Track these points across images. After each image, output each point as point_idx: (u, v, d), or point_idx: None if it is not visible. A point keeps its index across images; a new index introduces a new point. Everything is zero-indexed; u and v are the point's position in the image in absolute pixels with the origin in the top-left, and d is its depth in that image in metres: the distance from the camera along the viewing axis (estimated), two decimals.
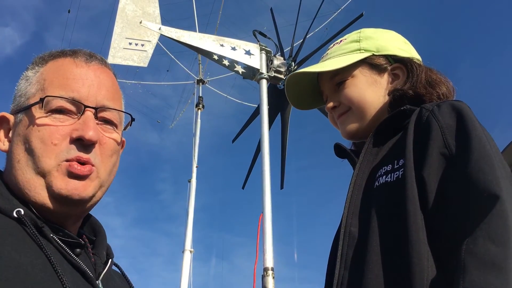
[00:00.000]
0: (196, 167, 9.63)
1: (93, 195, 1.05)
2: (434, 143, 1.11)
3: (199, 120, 10.24)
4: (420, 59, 1.52)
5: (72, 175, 1.00)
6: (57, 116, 1.03)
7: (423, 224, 1.05)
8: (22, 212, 0.94)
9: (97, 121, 1.07)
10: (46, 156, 1.00)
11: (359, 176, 1.28)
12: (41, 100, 1.03)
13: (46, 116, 1.03)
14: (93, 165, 1.04)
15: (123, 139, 1.19)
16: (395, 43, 1.54)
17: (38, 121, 1.02)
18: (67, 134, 1.02)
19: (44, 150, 1.00)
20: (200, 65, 11.28)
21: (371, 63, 1.49)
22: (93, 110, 1.06)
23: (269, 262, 3.59)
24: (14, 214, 0.93)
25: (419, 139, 1.16)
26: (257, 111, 5.00)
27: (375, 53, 1.50)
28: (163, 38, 4.61)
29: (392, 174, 1.18)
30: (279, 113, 5.00)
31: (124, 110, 1.17)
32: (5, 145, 1.09)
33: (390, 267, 1.07)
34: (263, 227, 3.77)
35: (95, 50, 1.18)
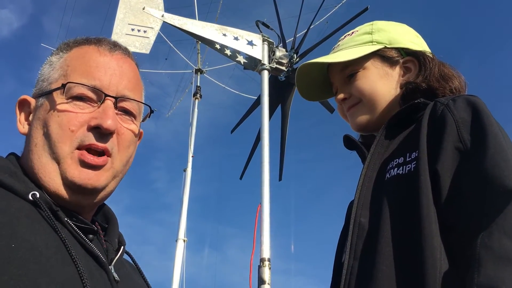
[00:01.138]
0: (192, 156, 9.61)
1: (106, 185, 1.05)
2: (449, 137, 1.11)
3: (196, 109, 10.21)
4: (431, 53, 1.52)
5: (85, 165, 1.01)
6: (78, 103, 1.03)
7: (436, 217, 1.06)
8: (38, 195, 0.94)
9: (116, 111, 1.07)
10: (62, 142, 1.00)
11: (369, 167, 1.28)
12: (63, 86, 1.04)
13: (67, 102, 1.03)
14: (109, 156, 1.04)
15: (141, 130, 1.19)
16: (407, 36, 1.53)
17: (58, 107, 1.03)
18: (85, 122, 1.02)
19: (61, 135, 1.00)
20: (199, 54, 11.22)
21: (383, 55, 1.48)
22: (113, 100, 1.06)
23: (266, 253, 3.59)
24: (30, 197, 0.93)
25: (433, 132, 1.16)
26: (257, 102, 4.98)
27: (387, 46, 1.49)
28: (162, 26, 4.58)
29: (404, 166, 1.18)
30: (279, 105, 5.00)
31: (143, 102, 1.17)
32: (24, 128, 1.10)
33: (402, 259, 1.07)
34: (260, 218, 3.77)
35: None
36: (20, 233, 0.85)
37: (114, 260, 1.05)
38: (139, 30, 4.31)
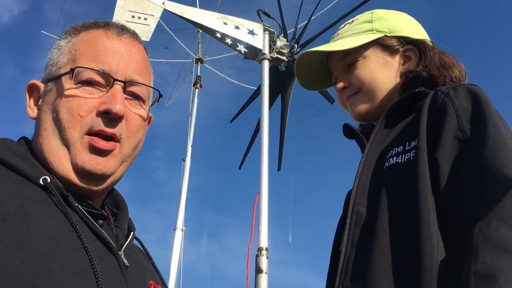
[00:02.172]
0: (191, 146, 9.60)
1: (115, 171, 1.06)
2: (449, 126, 1.11)
3: (196, 99, 10.17)
4: (432, 41, 1.51)
5: (94, 150, 1.01)
6: (86, 88, 1.03)
7: (434, 206, 1.06)
8: (49, 180, 0.94)
9: (125, 95, 1.06)
10: (72, 128, 1.00)
11: (368, 156, 1.28)
12: (72, 70, 1.03)
13: (76, 87, 1.03)
14: (117, 141, 1.04)
15: (150, 114, 1.19)
16: (407, 25, 1.53)
17: (67, 92, 1.03)
18: (94, 107, 1.02)
19: (70, 121, 1.01)
20: (200, 44, 11.15)
21: (383, 44, 1.47)
22: (122, 84, 1.06)
23: (264, 242, 3.61)
24: (41, 182, 0.93)
25: (433, 121, 1.15)
26: (257, 92, 4.98)
27: (388, 34, 1.48)
28: (162, 15, 4.55)
29: (403, 155, 1.18)
30: (279, 95, 4.99)
31: (152, 86, 1.16)
32: (34, 113, 1.10)
33: (399, 246, 1.07)
34: (259, 208, 3.78)
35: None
36: (32, 217, 0.85)
37: (124, 246, 1.06)
38: (139, 17, 4.27)
